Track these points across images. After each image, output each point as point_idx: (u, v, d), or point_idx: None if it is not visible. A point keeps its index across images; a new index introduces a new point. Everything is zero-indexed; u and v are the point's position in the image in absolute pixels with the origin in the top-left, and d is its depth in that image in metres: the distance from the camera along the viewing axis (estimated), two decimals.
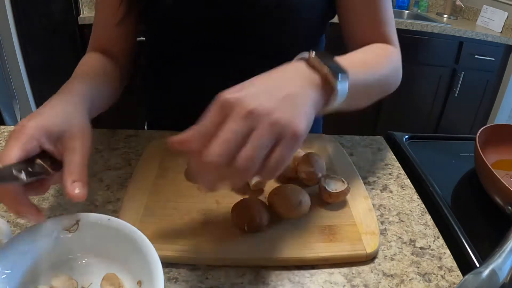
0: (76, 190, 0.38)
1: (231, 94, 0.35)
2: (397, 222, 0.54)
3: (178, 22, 0.62)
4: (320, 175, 0.55)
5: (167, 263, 0.44)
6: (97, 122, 0.51)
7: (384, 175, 0.64)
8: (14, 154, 0.36)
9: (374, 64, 0.52)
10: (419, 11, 2.67)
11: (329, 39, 0.76)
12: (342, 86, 0.40)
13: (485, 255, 0.43)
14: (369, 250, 0.47)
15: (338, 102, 0.41)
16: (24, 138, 0.37)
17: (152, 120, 0.83)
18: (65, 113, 0.42)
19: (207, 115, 0.35)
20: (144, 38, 0.74)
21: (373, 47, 0.58)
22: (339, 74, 0.39)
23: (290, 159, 0.35)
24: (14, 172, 0.35)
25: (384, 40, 0.60)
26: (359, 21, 0.61)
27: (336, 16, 0.66)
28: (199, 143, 0.34)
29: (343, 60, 0.42)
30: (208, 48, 0.64)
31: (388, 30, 0.61)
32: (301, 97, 0.37)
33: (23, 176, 0.35)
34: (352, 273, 0.45)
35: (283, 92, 0.36)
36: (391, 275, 0.45)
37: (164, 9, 0.61)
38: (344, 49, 0.57)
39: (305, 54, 0.41)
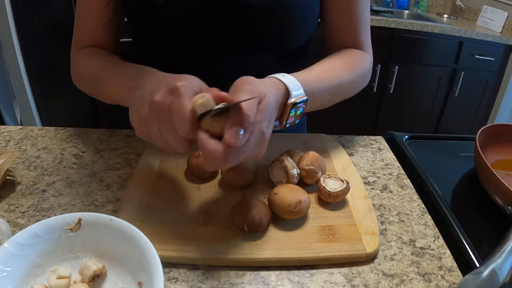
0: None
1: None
2: (397, 222, 0.54)
3: (169, 21, 0.62)
4: (320, 174, 0.55)
5: (167, 263, 0.44)
6: (97, 122, 0.51)
7: (384, 175, 0.64)
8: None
9: (331, 74, 0.61)
10: (419, 11, 2.67)
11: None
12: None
13: (485, 255, 0.43)
14: (369, 250, 0.47)
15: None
16: (192, 94, 0.43)
17: None
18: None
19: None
20: (131, 39, 0.74)
21: (343, 55, 0.66)
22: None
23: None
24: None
25: (358, 46, 0.69)
26: (338, 29, 0.69)
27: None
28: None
29: (304, 73, 0.56)
30: (198, 46, 0.64)
31: (363, 37, 0.69)
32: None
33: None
34: (352, 273, 0.45)
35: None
36: (391, 275, 0.45)
37: (155, 9, 0.61)
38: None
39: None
